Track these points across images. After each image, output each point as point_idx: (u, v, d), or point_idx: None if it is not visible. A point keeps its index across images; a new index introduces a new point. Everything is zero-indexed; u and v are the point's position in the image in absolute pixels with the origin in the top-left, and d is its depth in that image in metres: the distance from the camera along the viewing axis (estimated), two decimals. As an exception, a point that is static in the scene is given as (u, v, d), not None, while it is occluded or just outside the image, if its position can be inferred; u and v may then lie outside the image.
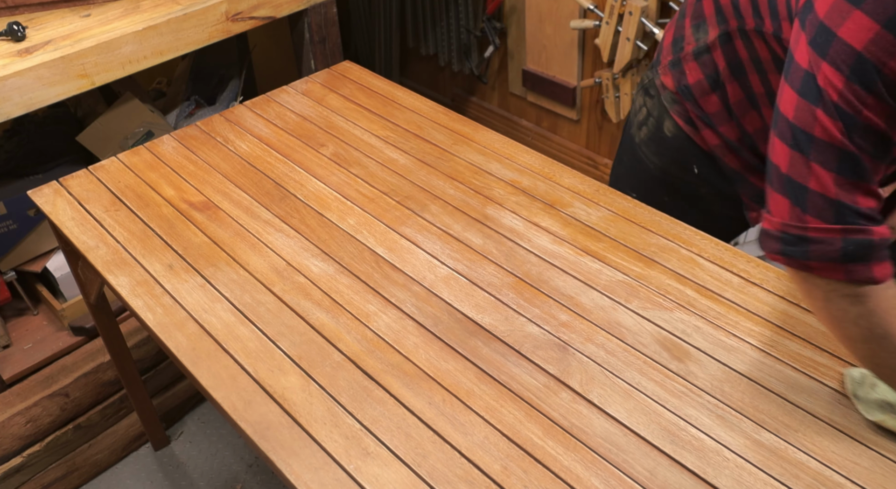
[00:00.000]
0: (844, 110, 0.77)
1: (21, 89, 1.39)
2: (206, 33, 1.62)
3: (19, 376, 1.65)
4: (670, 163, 1.31)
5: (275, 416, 0.95)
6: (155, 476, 1.80)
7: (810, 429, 0.90)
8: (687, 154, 1.25)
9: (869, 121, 0.77)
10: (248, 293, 1.13)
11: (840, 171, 0.79)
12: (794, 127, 0.80)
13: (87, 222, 1.28)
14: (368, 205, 1.30)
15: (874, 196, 0.80)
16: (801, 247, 0.82)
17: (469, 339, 1.04)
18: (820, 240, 0.81)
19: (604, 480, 0.86)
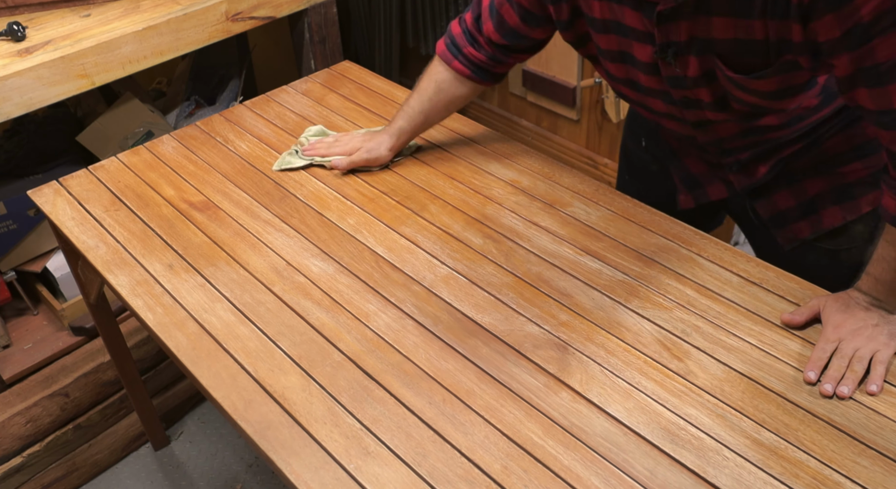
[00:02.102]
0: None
1: (21, 89, 1.39)
2: (206, 33, 1.62)
3: (19, 376, 1.65)
4: (629, 135, 1.39)
5: (275, 416, 0.95)
6: (155, 476, 1.80)
7: (810, 429, 0.90)
8: (637, 125, 1.35)
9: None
10: (248, 293, 1.13)
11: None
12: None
13: (86, 222, 1.28)
14: (368, 204, 1.30)
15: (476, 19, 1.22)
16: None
17: (469, 339, 1.04)
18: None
19: (604, 479, 0.86)
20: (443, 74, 1.28)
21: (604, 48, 1.08)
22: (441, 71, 1.28)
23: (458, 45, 1.24)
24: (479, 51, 1.22)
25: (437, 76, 1.28)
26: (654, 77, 1.05)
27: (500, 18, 1.17)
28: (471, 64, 1.24)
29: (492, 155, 1.40)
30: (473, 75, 1.25)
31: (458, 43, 1.24)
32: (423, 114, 1.31)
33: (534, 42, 1.20)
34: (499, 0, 1.16)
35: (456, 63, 1.25)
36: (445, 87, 1.28)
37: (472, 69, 1.25)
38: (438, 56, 1.28)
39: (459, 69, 1.25)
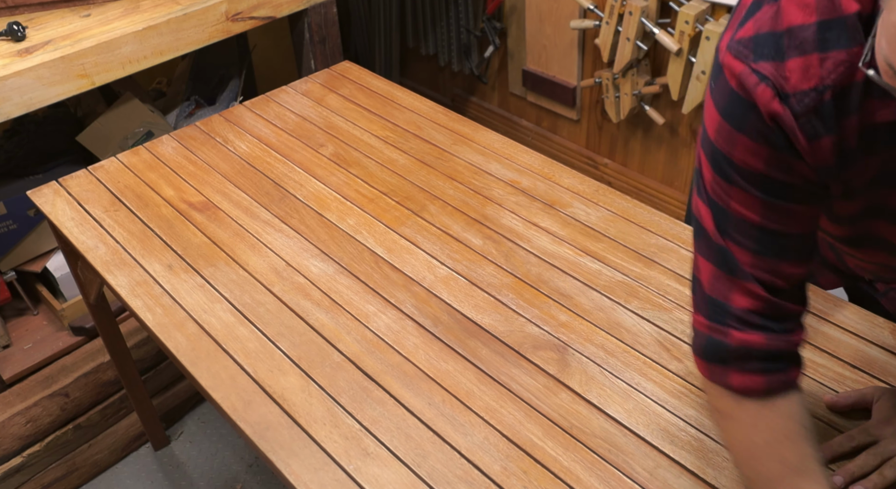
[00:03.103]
0: (716, 203, 0.72)
1: (21, 89, 1.39)
2: (206, 33, 1.62)
3: (19, 376, 1.65)
4: None
5: (274, 417, 0.95)
6: (155, 476, 1.80)
7: (810, 430, 0.90)
8: None
9: (740, 214, 0.70)
10: (247, 293, 1.13)
11: (717, 264, 0.73)
12: (693, 216, 0.76)
13: (86, 222, 1.28)
14: (368, 205, 1.30)
15: (753, 295, 0.72)
16: (693, 339, 0.78)
17: (468, 340, 1.04)
18: (695, 332, 0.77)
19: (604, 481, 0.86)
20: (793, 406, 0.75)
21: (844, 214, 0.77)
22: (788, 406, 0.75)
23: (785, 354, 0.74)
24: (795, 326, 0.75)
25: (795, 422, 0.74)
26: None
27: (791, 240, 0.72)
28: (799, 355, 0.77)
29: (492, 155, 1.40)
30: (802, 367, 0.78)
31: (781, 350, 0.74)
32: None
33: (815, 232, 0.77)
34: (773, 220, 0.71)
35: (796, 372, 0.76)
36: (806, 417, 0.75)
37: (801, 361, 0.77)
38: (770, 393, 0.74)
39: (798, 375, 0.76)
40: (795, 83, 0.64)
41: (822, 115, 0.64)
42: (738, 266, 0.72)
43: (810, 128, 0.65)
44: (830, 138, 0.65)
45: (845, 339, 1.01)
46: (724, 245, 0.72)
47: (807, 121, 0.65)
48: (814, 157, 0.67)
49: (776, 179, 0.68)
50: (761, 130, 0.66)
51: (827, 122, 0.65)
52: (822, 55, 0.63)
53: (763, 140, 0.66)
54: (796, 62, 0.64)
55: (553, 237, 1.21)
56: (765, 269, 0.72)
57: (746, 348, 0.73)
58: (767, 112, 0.65)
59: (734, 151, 0.68)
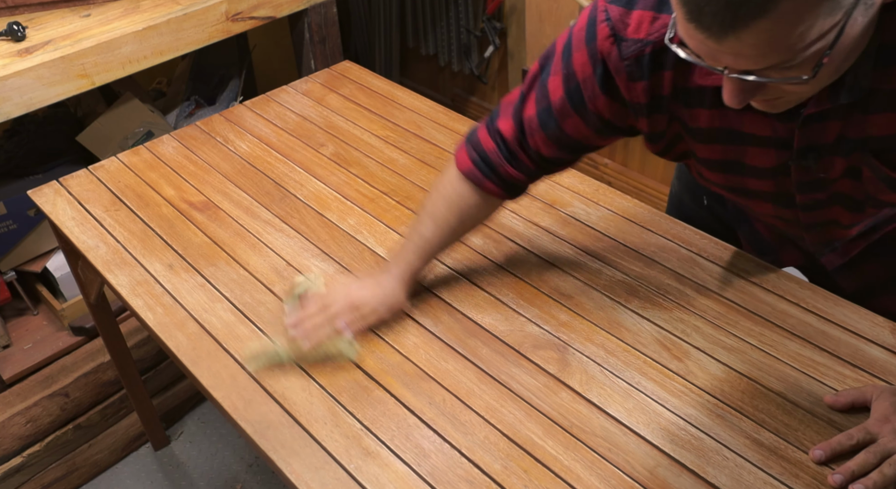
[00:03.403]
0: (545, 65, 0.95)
1: (21, 89, 1.39)
2: (206, 33, 1.62)
3: (19, 376, 1.65)
4: (685, 190, 1.28)
5: (275, 416, 0.95)
6: (155, 476, 1.80)
7: (810, 429, 0.90)
8: (697, 185, 1.21)
9: (548, 89, 0.93)
10: (248, 293, 1.13)
11: (519, 95, 0.98)
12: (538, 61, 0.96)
13: (87, 222, 1.28)
14: (368, 205, 1.30)
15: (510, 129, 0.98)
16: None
17: (469, 339, 1.04)
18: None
19: (604, 480, 0.86)
20: (468, 198, 1.03)
21: (703, 157, 0.92)
22: (465, 193, 1.03)
23: (492, 164, 1.00)
24: (518, 168, 1.00)
25: (459, 200, 1.03)
26: (770, 181, 0.90)
27: (560, 131, 0.95)
28: (505, 183, 1.01)
29: (492, 155, 1.40)
30: (505, 194, 1.03)
31: (492, 161, 1.00)
32: (441, 246, 1.06)
33: (591, 151, 1.02)
34: (558, 109, 0.93)
35: (489, 183, 1.01)
36: (472, 212, 1.04)
37: (506, 189, 1.02)
38: (463, 174, 1.02)
39: (492, 190, 1.01)
40: (629, 32, 0.82)
41: (640, 65, 0.83)
42: (522, 109, 0.97)
43: (631, 71, 0.84)
44: (644, 83, 0.85)
45: (845, 339, 1.01)
46: (530, 92, 0.96)
47: (629, 64, 0.84)
48: (629, 94, 0.87)
49: (581, 94, 0.90)
50: (594, 54, 0.87)
51: (643, 70, 0.84)
52: (655, 15, 0.80)
53: (592, 61, 0.87)
54: (638, 14, 0.81)
55: (553, 236, 1.21)
56: (531, 129, 0.96)
57: (479, 142, 1.01)
58: (601, 47, 0.85)
59: (575, 53, 0.89)
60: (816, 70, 0.65)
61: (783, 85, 0.69)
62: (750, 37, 0.61)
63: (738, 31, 0.61)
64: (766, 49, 0.63)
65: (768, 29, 0.61)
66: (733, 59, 0.65)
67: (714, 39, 0.63)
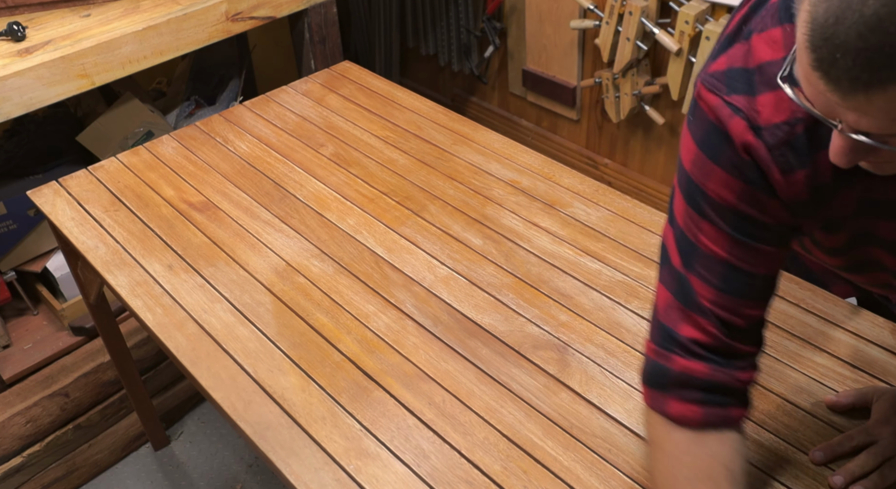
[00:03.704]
0: (685, 234, 0.72)
1: (21, 89, 1.39)
2: (206, 33, 1.62)
3: (19, 376, 1.65)
4: None
5: (274, 417, 0.95)
6: (155, 476, 1.80)
7: (810, 430, 0.90)
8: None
9: (707, 248, 0.71)
10: (247, 293, 1.13)
11: (675, 294, 0.74)
12: (662, 243, 0.77)
13: (86, 222, 1.28)
14: (368, 205, 1.30)
15: (704, 331, 0.72)
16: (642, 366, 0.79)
17: (469, 340, 1.04)
18: (645, 359, 0.78)
19: (604, 480, 0.86)
20: (727, 446, 0.75)
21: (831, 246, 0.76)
22: (720, 445, 0.74)
23: (726, 388, 0.74)
24: (747, 364, 0.75)
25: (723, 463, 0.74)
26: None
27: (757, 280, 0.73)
28: (745, 395, 0.76)
29: (492, 155, 1.40)
30: (748, 410, 0.77)
31: (723, 384, 0.73)
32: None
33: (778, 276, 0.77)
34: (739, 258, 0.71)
35: (734, 410, 0.75)
36: (740, 463, 0.75)
37: (747, 401, 0.77)
38: (696, 428, 0.74)
39: (740, 415, 0.76)
40: (767, 116, 0.65)
41: (795, 148, 0.65)
42: (694, 298, 0.72)
43: (784, 160, 0.66)
44: (804, 172, 0.66)
45: (845, 339, 1.01)
46: (686, 276, 0.73)
47: (780, 153, 0.65)
48: (788, 191, 0.67)
49: (747, 215, 0.69)
50: (736, 163, 0.67)
51: (800, 154, 0.65)
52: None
53: (737, 173, 0.67)
54: (767, 97, 0.65)
55: (553, 237, 1.21)
56: (724, 307, 0.72)
57: (688, 375, 0.73)
58: (742, 143, 0.66)
59: (708, 183, 0.69)
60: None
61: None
62: (882, 101, 0.54)
63: (871, 93, 0.54)
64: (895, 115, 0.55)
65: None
66: (854, 118, 0.57)
67: (840, 94, 0.55)
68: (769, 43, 0.64)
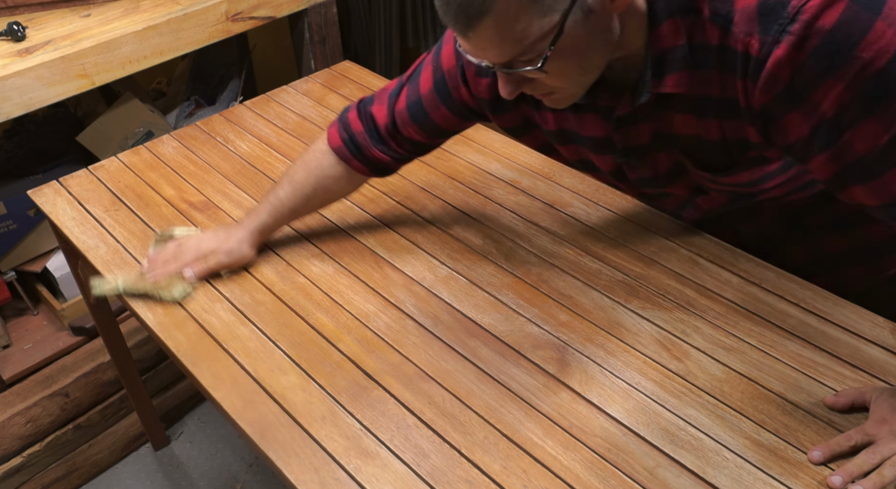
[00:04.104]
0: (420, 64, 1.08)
1: (21, 89, 1.39)
2: (206, 33, 1.62)
3: (19, 376, 1.65)
4: None
5: (274, 416, 0.95)
6: (155, 476, 1.80)
7: (810, 430, 0.90)
8: None
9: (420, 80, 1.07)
10: (247, 293, 1.13)
11: (391, 88, 1.10)
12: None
13: (86, 222, 1.28)
14: (368, 205, 1.30)
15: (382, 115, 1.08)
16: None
17: (469, 339, 1.04)
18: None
19: (603, 480, 0.86)
20: (331, 170, 1.13)
21: (567, 158, 1.05)
22: (328, 165, 1.13)
23: (359, 145, 1.10)
24: (386, 151, 1.10)
25: (321, 171, 1.13)
26: (623, 183, 1.04)
27: (430, 121, 1.06)
28: (371, 164, 1.12)
29: (492, 155, 1.40)
30: (371, 173, 1.14)
31: (359, 142, 1.10)
32: (293, 210, 1.16)
33: (457, 134, 1.14)
34: (428, 101, 1.05)
35: (356, 162, 1.12)
36: (330, 185, 1.14)
37: (372, 169, 1.13)
38: (332, 150, 1.12)
39: (358, 169, 1.12)
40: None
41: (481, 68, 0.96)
42: (394, 99, 1.08)
43: (475, 69, 0.98)
44: (488, 81, 0.98)
45: (845, 339, 1.01)
46: (403, 84, 1.08)
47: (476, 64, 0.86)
48: (475, 88, 1.00)
49: (446, 82, 1.02)
50: (456, 53, 0.99)
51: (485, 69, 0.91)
52: None
53: (457, 54, 1.00)
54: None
55: (553, 237, 1.21)
56: (400, 115, 1.07)
57: (349, 122, 1.11)
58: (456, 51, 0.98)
59: (444, 47, 1.02)
60: (544, 61, 0.77)
61: (528, 74, 0.81)
62: (484, 31, 0.74)
63: (475, 28, 0.74)
64: (499, 42, 0.75)
65: (493, 25, 0.74)
66: (482, 53, 0.78)
67: (462, 36, 0.77)
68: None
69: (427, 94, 1.04)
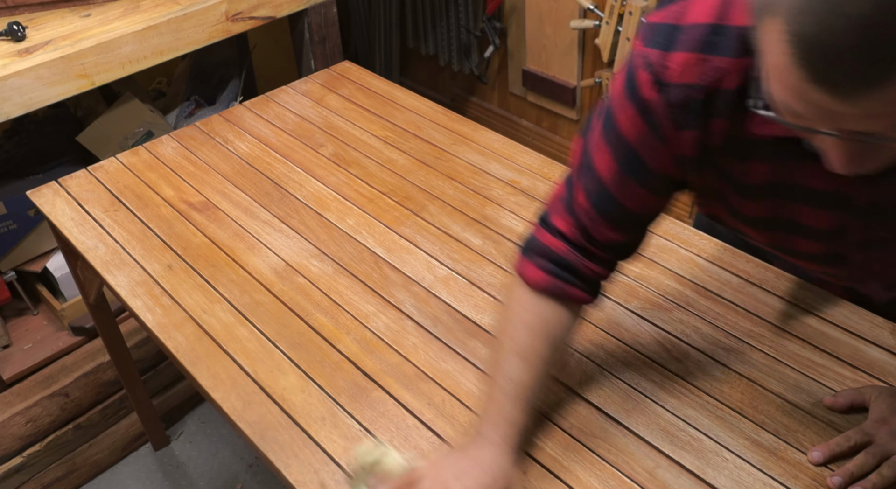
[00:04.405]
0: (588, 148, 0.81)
1: (21, 89, 1.39)
2: (206, 33, 1.62)
3: (19, 376, 1.65)
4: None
5: (274, 417, 0.95)
6: (155, 476, 1.80)
7: (810, 430, 0.90)
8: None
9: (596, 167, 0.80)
10: (247, 293, 1.13)
11: (561, 191, 0.86)
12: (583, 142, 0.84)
13: (86, 222, 1.28)
14: (367, 205, 1.30)
15: (570, 226, 0.84)
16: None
17: (468, 340, 1.04)
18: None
19: (603, 481, 0.86)
20: (553, 316, 0.86)
21: (749, 215, 0.81)
22: (548, 312, 0.86)
23: (571, 266, 0.84)
24: (597, 263, 0.85)
25: (544, 324, 0.86)
26: (822, 242, 0.80)
27: (624, 211, 0.82)
28: (590, 283, 0.86)
29: (491, 155, 1.40)
30: (591, 298, 0.88)
31: (570, 263, 0.84)
32: (538, 386, 0.88)
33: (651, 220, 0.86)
34: (617, 188, 0.80)
35: (575, 290, 0.85)
36: (561, 333, 0.88)
37: (591, 290, 0.87)
38: (540, 291, 0.86)
39: (579, 297, 0.86)
40: (674, 75, 0.70)
41: (690, 111, 0.71)
42: (571, 202, 0.84)
43: (677, 118, 0.72)
44: (693, 133, 0.73)
45: (845, 339, 1.01)
46: (574, 182, 0.83)
47: (675, 112, 0.71)
48: (677, 146, 0.75)
49: (638, 156, 0.77)
50: (645, 106, 0.73)
51: (694, 117, 0.72)
52: (703, 57, 0.69)
53: (643, 114, 0.74)
54: (680, 56, 0.70)
55: (553, 237, 1.21)
56: (591, 219, 0.83)
57: (547, 247, 0.85)
58: (645, 95, 0.72)
59: (620, 114, 0.76)
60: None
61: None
62: (886, 95, 0.54)
63: (875, 90, 0.53)
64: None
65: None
66: (858, 121, 0.57)
67: (842, 99, 0.55)
68: (702, 7, 0.68)
69: (612, 180, 0.80)
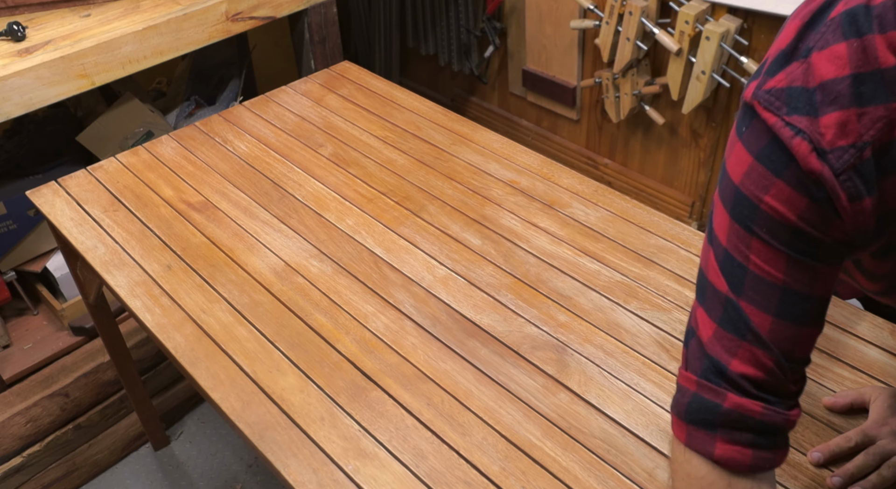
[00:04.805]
0: (731, 256, 0.65)
1: (21, 89, 1.39)
2: (206, 33, 1.62)
3: (19, 376, 1.65)
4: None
5: (273, 417, 0.95)
6: (155, 476, 1.80)
7: (809, 431, 0.90)
8: None
9: (761, 270, 0.64)
10: (246, 294, 1.13)
11: (723, 324, 0.66)
12: (700, 266, 0.70)
13: (85, 223, 1.28)
14: (367, 205, 1.30)
15: (757, 363, 0.65)
16: (676, 397, 0.71)
17: (467, 340, 1.04)
18: (679, 389, 0.70)
19: (602, 481, 0.86)
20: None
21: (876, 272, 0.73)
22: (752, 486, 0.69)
23: (776, 428, 0.67)
24: (794, 404, 0.69)
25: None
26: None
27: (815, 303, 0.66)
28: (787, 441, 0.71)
29: (491, 155, 1.40)
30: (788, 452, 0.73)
31: (775, 424, 0.67)
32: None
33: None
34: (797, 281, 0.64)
35: (780, 455, 0.69)
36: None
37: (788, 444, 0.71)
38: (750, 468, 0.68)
39: (780, 460, 0.70)
40: (832, 139, 0.59)
41: (862, 173, 0.60)
42: (750, 327, 0.65)
43: (852, 186, 0.60)
44: (871, 199, 0.60)
45: (844, 340, 1.01)
46: (737, 302, 0.65)
47: (847, 178, 0.60)
48: (854, 220, 0.61)
49: (805, 233, 0.62)
50: (801, 179, 0.60)
51: (868, 180, 0.60)
52: (859, 110, 0.59)
53: (802, 189, 0.60)
54: (831, 117, 0.59)
55: (552, 237, 1.21)
56: (783, 336, 0.65)
57: (741, 414, 0.66)
58: (806, 167, 0.60)
59: (765, 197, 0.62)
60: None
61: None
62: None
63: None
64: None
65: None
66: None
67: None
68: (832, 59, 0.59)
69: (787, 273, 0.64)
